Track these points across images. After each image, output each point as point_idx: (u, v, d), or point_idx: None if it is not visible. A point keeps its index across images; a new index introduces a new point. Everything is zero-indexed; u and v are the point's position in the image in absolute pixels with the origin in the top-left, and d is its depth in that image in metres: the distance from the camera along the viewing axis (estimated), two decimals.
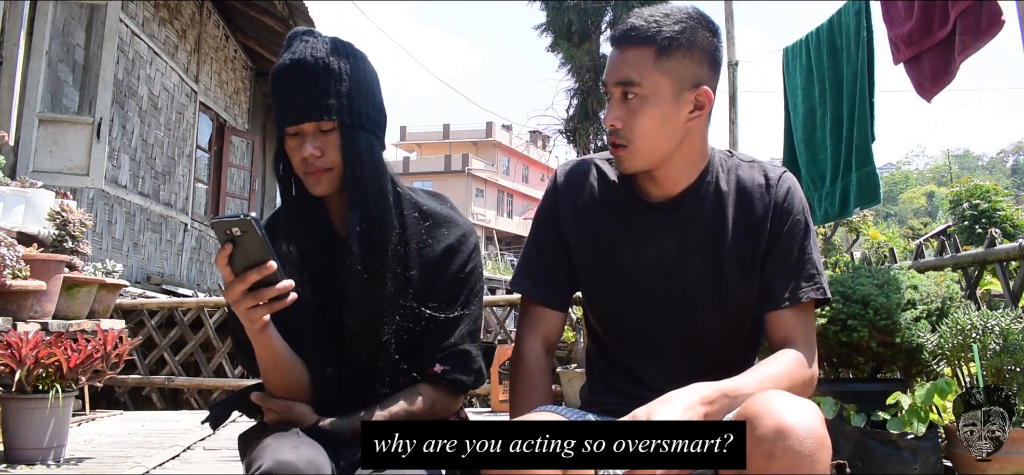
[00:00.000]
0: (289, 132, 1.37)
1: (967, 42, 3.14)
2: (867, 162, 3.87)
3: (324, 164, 1.35)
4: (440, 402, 1.42)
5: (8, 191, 4.18)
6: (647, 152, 1.34)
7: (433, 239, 1.43)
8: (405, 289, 1.40)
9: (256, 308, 1.26)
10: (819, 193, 4.27)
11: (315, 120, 1.34)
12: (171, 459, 3.49)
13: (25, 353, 3.08)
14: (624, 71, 1.33)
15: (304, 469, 1.18)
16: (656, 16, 1.33)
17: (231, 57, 10.06)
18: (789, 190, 1.40)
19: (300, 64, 1.35)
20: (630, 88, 1.32)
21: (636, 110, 1.32)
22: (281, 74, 1.36)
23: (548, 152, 7.33)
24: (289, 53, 1.37)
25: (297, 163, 1.37)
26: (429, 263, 1.42)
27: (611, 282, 1.43)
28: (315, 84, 1.34)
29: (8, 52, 5.21)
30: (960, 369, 2.58)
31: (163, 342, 6.10)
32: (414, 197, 1.47)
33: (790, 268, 1.37)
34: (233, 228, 1.22)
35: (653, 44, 1.31)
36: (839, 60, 4.08)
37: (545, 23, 6.15)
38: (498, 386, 5.67)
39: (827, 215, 4.28)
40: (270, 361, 1.35)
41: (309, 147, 1.34)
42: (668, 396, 1.16)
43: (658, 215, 1.40)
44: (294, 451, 1.20)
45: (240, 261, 1.24)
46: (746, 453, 1.08)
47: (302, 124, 1.35)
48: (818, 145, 4.30)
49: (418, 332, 1.41)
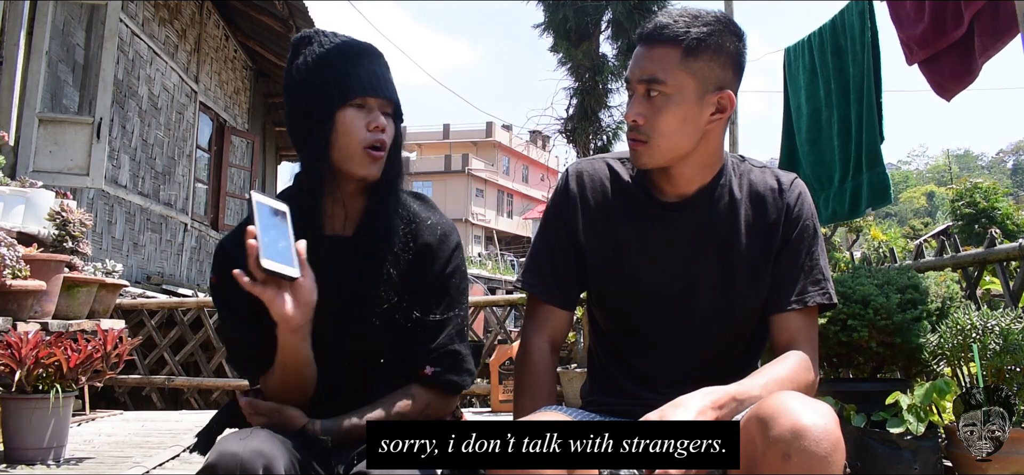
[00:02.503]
0: (355, 103, 1.34)
1: (987, 43, 3.14)
2: (877, 163, 3.85)
3: (386, 140, 1.36)
4: (434, 404, 1.41)
5: (8, 191, 4.18)
6: (666, 150, 1.35)
7: (414, 240, 1.41)
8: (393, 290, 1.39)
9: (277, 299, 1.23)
10: (826, 193, 4.26)
11: (386, 96, 1.36)
12: (171, 459, 3.49)
13: (25, 353, 3.08)
14: (650, 68, 1.33)
15: (249, 458, 1.14)
16: (685, 17, 1.34)
17: (231, 57, 10.05)
18: (800, 196, 1.42)
19: (360, 46, 1.37)
20: (655, 86, 1.33)
21: (659, 108, 1.33)
22: (342, 53, 1.36)
23: (548, 152, 7.32)
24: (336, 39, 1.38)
25: (362, 137, 1.34)
26: (411, 264, 1.40)
27: (622, 281, 1.43)
28: (379, 63, 1.37)
29: (8, 52, 5.21)
30: (960, 369, 2.58)
31: (163, 342, 6.10)
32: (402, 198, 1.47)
33: (797, 272, 1.38)
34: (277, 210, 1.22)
35: (680, 44, 1.32)
36: (845, 60, 4.07)
37: (544, 22, 6.15)
38: (498, 386, 5.66)
39: (835, 215, 4.25)
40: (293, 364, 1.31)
41: (381, 117, 1.35)
42: (679, 401, 1.17)
43: (671, 215, 1.40)
44: (241, 443, 1.16)
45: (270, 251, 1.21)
46: (761, 453, 1.08)
47: (372, 96, 1.35)
48: (825, 145, 4.28)
49: (406, 333, 1.40)
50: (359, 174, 1.35)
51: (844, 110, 4.08)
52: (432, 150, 46.20)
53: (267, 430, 1.25)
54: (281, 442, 1.22)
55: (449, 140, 45.58)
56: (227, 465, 1.13)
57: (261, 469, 1.14)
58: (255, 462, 1.14)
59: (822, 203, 4.27)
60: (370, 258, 1.36)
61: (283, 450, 1.20)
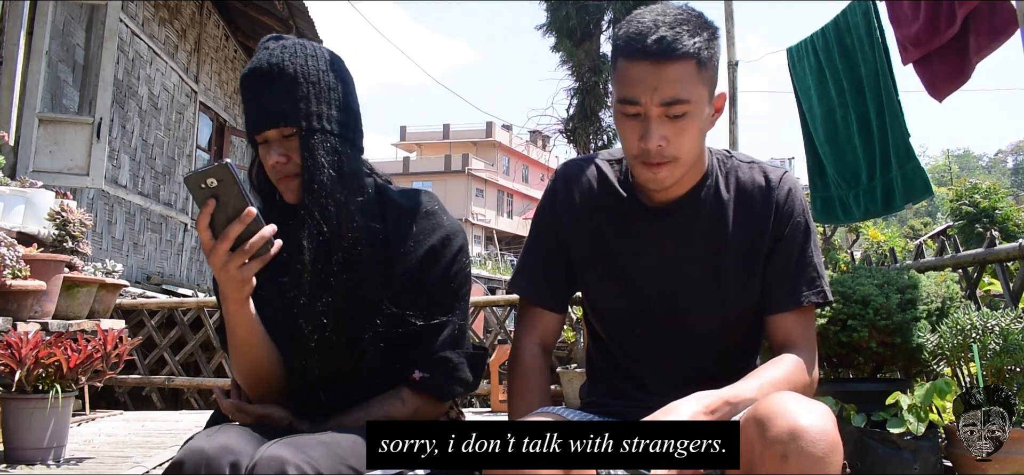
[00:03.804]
0: (258, 141, 1.35)
1: (982, 43, 3.13)
2: (910, 157, 3.80)
3: (291, 170, 1.33)
4: (423, 408, 1.40)
5: (8, 191, 4.18)
6: (687, 165, 1.31)
7: (415, 242, 1.39)
8: (385, 292, 1.36)
9: (244, 266, 1.21)
10: (855, 191, 4.22)
11: (275, 127, 1.32)
12: (171, 459, 3.48)
13: (25, 353, 3.08)
14: (670, 90, 1.23)
15: (213, 454, 1.14)
16: (685, 26, 1.25)
17: (231, 57, 10.06)
18: (790, 191, 1.38)
19: (257, 72, 1.33)
20: (677, 106, 1.24)
21: (685, 127, 1.26)
22: (244, 84, 1.35)
23: (548, 152, 7.31)
24: (250, 62, 1.35)
25: (269, 171, 1.36)
26: (411, 266, 1.38)
27: (611, 284, 1.41)
28: (273, 90, 1.32)
29: (8, 52, 5.21)
30: (960, 369, 2.58)
31: (163, 342, 6.10)
32: (396, 197, 1.43)
33: (791, 271, 1.36)
34: (208, 179, 1.15)
35: (695, 58, 1.24)
36: (854, 60, 4.05)
37: (547, 22, 6.15)
38: (498, 386, 5.66)
39: (868, 211, 4.21)
40: (244, 341, 1.31)
41: (274, 154, 1.33)
42: (671, 406, 1.16)
43: (658, 219, 1.38)
44: (208, 439, 1.16)
45: (220, 217, 1.18)
46: (759, 454, 1.08)
47: (265, 132, 1.33)
48: (844, 144, 4.24)
49: (400, 337, 1.37)
50: (287, 200, 1.37)
51: (861, 109, 4.04)
52: (432, 150, 46.22)
53: (241, 427, 1.24)
54: (252, 437, 1.20)
55: (449, 140, 45.59)
56: (194, 461, 1.14)
57: (227, 467, 1.13)
58: (221, 459, 1.14)
59: (853, 200, 4.23)
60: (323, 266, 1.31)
61: (251, 443, 1.18)
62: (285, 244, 1.30)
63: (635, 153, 1.28)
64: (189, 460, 1.14)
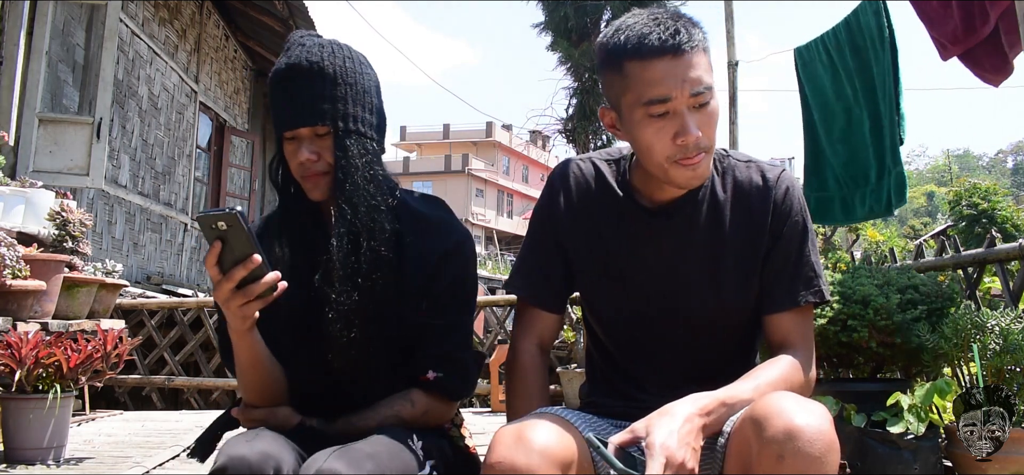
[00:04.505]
0: (286, 137, 1.37)
1: (1012, 41, 3.14)
2: (898, 162, 3.83)
3: (321, 168, 1.35)
4: (433, 409, 1.41)
5: (8, 191, 4.18)
6: (712, 156, 1.32)
7: (429, 246, 1.40)
8: (398, 296, 1.37)
9: (246, 305, 1.24)
10: (862, 191, 4.21)
11: (310, 125, 1.34)
12: (171, 459, 3.49)
13: (25, 353, 3.08)
14: (698, 79, 1.24)
15: (255, 461, 1.15)
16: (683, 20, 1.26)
17: (231, 57, 10.06)
18: (788, 190, 1.37)
19: (295, 68, 1.34)
20: (707, 94, 1.25)
21: (712, 115, 1.27)
22: (277, 79, 1.36)
23: (548, 152, 7.30)
24: (285, 57, 1.36)
25: (294, 168, 1.37)
26: (425, 269, 1.39)
27: (609, 284, 1.41)
28: (309, 89, 1.34)
29: (8, 52, 5.21)
30: (960, 369, 2.58)
31: (163, 342, 6.10)
32: (411, 202, 1.45)
33: (789, 271, 1.36)
34: (219, 222, 1.19)
35: (706, 48, 1.27)
36: (866, 59, 4.05)
37: (544, 21, 6.15)
38: (498, 386, 5.66)
39: (872, 212, 4.19)
40: (249, 364, 1.33)
41: (305, 152, 1.34)
42: (666, 408, 1.16)
43: (656, 220, 1.38)
44: (247, 445, 1.17)
45: (227, 258, 1.21)
46: (755, 454, 1.08)
47: (298, 129, 1.35)
48: (858, 143, 4.22)
49: (411, 338, 1.39)
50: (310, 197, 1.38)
51: (873, 108, 4.05)
52: (432, 150, 46.22)
53: (270, 431, 1.26)
54: (285, 442, 1.23)
55: (449, 140, 45.60)
56: (237, 469, 1.14)
57: (272, 471, 1.15)
58: (265, 465, 1.15)
59: (859, 200, 4.22)
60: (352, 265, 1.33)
61: (289, 449, 1.21)
62: (299, 239, 1.35)
63: (669, 153, 1.26)
64: (232, 466, 1.14)
